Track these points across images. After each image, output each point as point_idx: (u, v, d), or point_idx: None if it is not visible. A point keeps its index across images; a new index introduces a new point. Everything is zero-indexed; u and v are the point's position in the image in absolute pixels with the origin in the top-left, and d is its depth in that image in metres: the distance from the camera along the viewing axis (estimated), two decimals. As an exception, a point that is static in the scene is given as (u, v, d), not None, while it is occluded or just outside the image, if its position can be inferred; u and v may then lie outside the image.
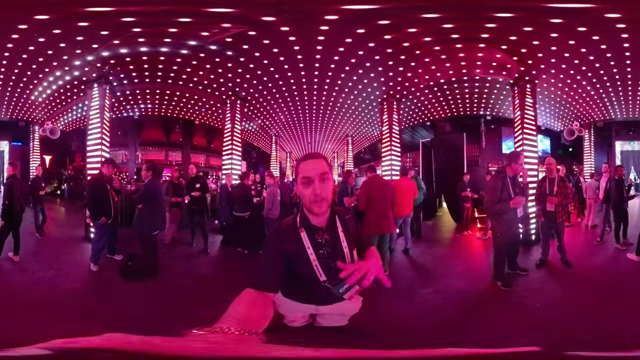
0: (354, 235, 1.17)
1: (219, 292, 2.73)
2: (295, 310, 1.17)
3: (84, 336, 0.47)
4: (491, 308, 2.95)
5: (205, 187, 5.20)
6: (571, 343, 2.00)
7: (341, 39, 4.36)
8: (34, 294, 3.06)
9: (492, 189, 3.32)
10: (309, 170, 1.04)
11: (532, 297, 3.16)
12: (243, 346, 0.64)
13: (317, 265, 1.07)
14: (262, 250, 1.12)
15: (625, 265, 4.10)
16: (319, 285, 1.09)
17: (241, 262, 4.38)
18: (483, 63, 5.36)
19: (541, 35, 4.25)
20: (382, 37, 4.32)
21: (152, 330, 0.51)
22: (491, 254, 3.58)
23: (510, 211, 3.27)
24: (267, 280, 1.02)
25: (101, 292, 3.31)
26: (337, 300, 1.13)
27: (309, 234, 1.09)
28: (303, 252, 1.07)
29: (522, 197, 3.35)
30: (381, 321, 2.33)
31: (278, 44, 4.54)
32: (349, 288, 1.09)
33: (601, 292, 3.22)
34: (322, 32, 4.08)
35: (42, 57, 4.96)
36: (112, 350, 0.45)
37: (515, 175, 3.41)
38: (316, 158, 1.07)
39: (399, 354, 0.59)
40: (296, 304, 1.16)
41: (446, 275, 3.84)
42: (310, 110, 7.89)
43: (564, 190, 3.94)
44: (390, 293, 3.11)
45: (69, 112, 8.44)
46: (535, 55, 4.90)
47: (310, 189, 1.03)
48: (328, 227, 1.11)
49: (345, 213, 1.19)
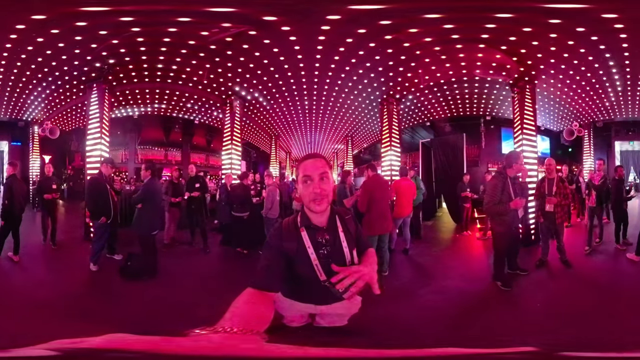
0: (354, 235, 1.17)
1: (218, 291, 2.72)
2: (295, 310, 1.17)
3: (84, 336, 0.47)
4: (491, 308, 2.95)
5: (204, 187, 5.19)
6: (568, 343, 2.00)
7: (342, 39, 4.36)
8: (34, 294, 3.05)
9: (492, 190, 3.31)
10: (309, 169, 1.06)
11: (532, 297, 3.17)
12: (245, 346, 0.64)
13: (317, 264, 1.08)
14: (263, 249, 1.12)
15: (625, 265, 4.10)
16: (319, 284, 1.09)
17: (240, 262, 4.37)
18: (483, 63, 5.37)
19: (540, 35, 4.26)
20: (382, 38, 4.32)
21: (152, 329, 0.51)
22: (491, 254, 3.58)
23: (510, 212, 3.27)
24: (267, 280, 1.02)
25: (101, 292, 3.30)
26: (336, 300, 1.13)
27: (310, 233, 1.09)
28: (303, 251, 1.08)
29: (523, 199, 3.34)
30: (381, 321, 2.33)
31: (278, 43, 4.54)
32: (348, 287, 1.09)
33: (601, 292, 3.22)
34: (323, 32, 4.08)
35: (41, 57, 4.95)
36: (115, 350, 0.45)
37: (516, 176, 3.41)
38: (316, 158, 1.09)
39: (398, 354, 0.59)
40: (296, 303, 1.16)
41: (446, 275, 3.83)
42: (310, 110, 7.90)
43: (563, 190, 3.94)
44: (390, 294, 3.12)
45: (69, 112, 8.44)
46: (535, 56, 4.91)
47: (310, 188, 1.04)
48: (329, 227, 1.12)
49: (345, 213, 1.20)
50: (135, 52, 4.93)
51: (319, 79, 5.94)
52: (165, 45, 4.72)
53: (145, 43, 4.67)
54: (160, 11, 3.71)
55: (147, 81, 6.27)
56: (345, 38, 4.33)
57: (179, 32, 4.27)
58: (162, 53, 5.02)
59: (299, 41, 4.40)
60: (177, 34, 4.33)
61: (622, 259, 4.27)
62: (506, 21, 3.86)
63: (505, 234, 3.35)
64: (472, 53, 4.95)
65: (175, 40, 4.56)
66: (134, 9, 3.67)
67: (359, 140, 11.58)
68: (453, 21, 3.92)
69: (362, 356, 0.57)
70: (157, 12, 3.73)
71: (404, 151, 7.67)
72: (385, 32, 4.14)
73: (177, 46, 4.76)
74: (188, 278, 3.74)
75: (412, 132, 9.79)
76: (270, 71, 5.61)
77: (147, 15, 3.84)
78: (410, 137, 9.83)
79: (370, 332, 1.40)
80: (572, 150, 9.79)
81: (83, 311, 2.70)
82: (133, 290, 3.29)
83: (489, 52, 4.83)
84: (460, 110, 8.13)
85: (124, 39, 4.38)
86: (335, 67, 5.41)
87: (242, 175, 5.06)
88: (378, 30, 4.09)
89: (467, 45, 4.64)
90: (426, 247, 5.13)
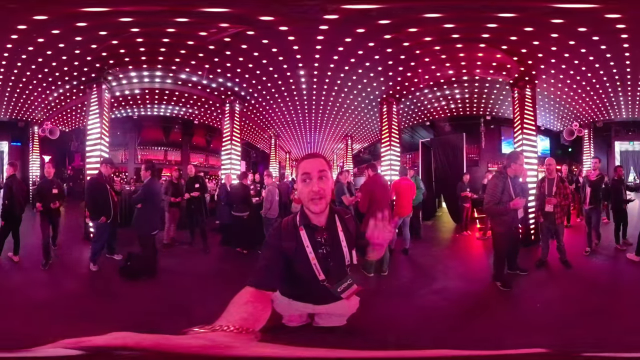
0: (354, 235, 1.17)
1: (217, 291, 2.72)
2: (293, 310, 1.17)
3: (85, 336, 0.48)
4: (491, 309, 2.94)
5: (204, 187, 5.20)
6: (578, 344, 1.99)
7: (341, 39, 4.36)
8: (34, 294, 3.05)
9: (493, 190, 3.30)
10: (308, 168, 1.06)
11: (532, 298, 3.16)
12: (243, 345, 0.64)
13: (315, 264, 1.08)
14: (262, 248, 1.12)
15: (625, 265, 4.10)
16: (318, 284, 1.09)
17: (239, 262, 4.37)
18: (483, 63, 5.36)
19: (541, 35, 4.25)
20: (382, 37, 4.32)
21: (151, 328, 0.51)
22: (491, 254, 3.58)
23: (510, 212, 3.25)
24: (266, 279, 1.03)
25: (100, 292, 3.31)
26: (334, 300, 1.13)
27: (309, 232, 1.09)
28: (302, 250, 1.08)
29: (523, 199, 3.33)
30: (380, 322, 2.32)
31: (277, 43, 4.53)
32: (347, 287, 1.09)
33: (601, 293, 3.22)
34: (321, 31, 4.08)
35: (41, 58, 4.95)
36: (119, 349, 0.46)
37: (516, 176, 3.40)
38: (315, 157, 1.10)
39: (398, 354, 0.59)
40: (294, 303, 1.16)
41: (446, 275, 3.82)
42: (309, 110, 7.89)
43: (563, 190, 3.92)
44: (390, 294, 3.12)
45: (68, 112, 8.44)
46: (535, 56, 4.90)
47: (309, 186, 1.05)
48: (328, 227, 1.12)
49: (345, 213, 1.20)
50: (135, 52, 4.94)
51: (319, 79, 5.94)
52: (164, 45, 4.73)
53: (145, 44, 4.68)
54: (158, 12, 3.71)
55: (146, 81, 6.29)
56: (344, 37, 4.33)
57: (177, 33, 4.27)
58: (161, 54, 5.03)
59: (297, 41, 4.40)
60: (175, 35, 4.33)
61: (622, 259, 4.27)
62: (507, 21, 3.85)
63: (505, 234, 3.34)
64: (472, 52, 4.94)
65: (174, 41, 4.56)
66: (132, 9, 3.67)
67: (359, 140, 11.57)
68: (453, 20, 3.91)
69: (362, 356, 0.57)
70: (155, 12, 3.73)
71: (403, 151, 7.67)
72: (384, 31, 4.13)
73: (175, 46, 4.77)
74: (187, 277, 3.74)
75: (412, 131, 9.78)
76: (270, 71, 5.61)
77: (145, 15, 3.84)
78: (410, 136, 9.83)
79: (369, 332, 1.40)
80: (571, 150, 9.79)
81: (83, 311, 2.70)
82: (132, 290, 3.29)
83: (489, 51, 4.82)
84: (460, 110, 8.13)
85: (123, 39, 4.38)
86: (334, 67, 5.41)
87: (241, 175, 5.07)
88: (377, 30, 4.08)
89: (467, 44, 4.63)
90: (426, 247, 5.13)
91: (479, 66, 5.51)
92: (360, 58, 5.03)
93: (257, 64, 5.34)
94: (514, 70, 5.39)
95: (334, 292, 1.11)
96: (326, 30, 4.05)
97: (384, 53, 4.84)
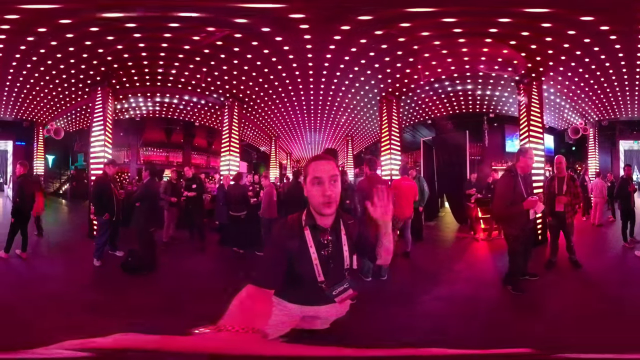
0: (355, 240, 1.17)
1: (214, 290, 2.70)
2: (278, 310, 1.15)
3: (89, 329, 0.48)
4: (502, 313, 2.75)
5: (201, 188, 5.25)
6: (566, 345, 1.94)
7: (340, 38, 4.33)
8: (41, 289, 3.14)
9: (504, 189, 3.01)
10: (319, 171, 1.06)
11: (542, 300, 2.99)
12: (248, 344, 0.66)
13: (317, 264, 1.09)
14: (265, 246, 1.16)
15: (635, 263, 4.01)
16: (314, 285, 1.10)
17: (235, 262, 4.38)
18: (488, 59, 5.23)
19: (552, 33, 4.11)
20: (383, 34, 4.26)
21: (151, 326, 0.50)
22: (497, 256, 3.41)
23: (523, 213, 2.98)
24: (268, 277, 1.05)
25: (103, 286, 3.41)
26: (327, 302, 1.14)
27: (313, 233, 1.10)
28: (305, 250, 1.09)
29: (536, 197, 3.07)
30: (379, 331, 2.24)
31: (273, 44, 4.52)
32: (342, 291, 1.08)
33: (612, 292, 3.11)
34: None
35: (50, 60, 5.03)
36: (124, 350, 0.46)
37: (526, 173, 3.10)
38: (327, 160, 1.10)
39: (396, 353, 0.60)
40: (282, 302, 1.15)
41: (450, 280, 3.54)
42: (308, 110, 7.89)
43: (573, 189, 3.76)
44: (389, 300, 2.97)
45: (73, 113, 8.55)
46: (543, 53, 4.76)
47: (321, 190, 1.05)
48: (332, 229, 1.13)
49: (349, 218, 1.20)
50: (136, 57, 5.00)
51: (317, 79, 5.92)
52: (163, 50, 4.77)
53: (146, 48, 4.74)
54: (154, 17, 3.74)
55: (148, 85, 6.35)
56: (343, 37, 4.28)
57: (174, 38, 4.31)
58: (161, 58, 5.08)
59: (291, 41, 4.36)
60: (173, 40, 4.38)
61: (631, 257, 4.18)
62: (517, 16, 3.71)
63: (518, 236, 3.07)
64: (476, 49, 4.80)
65: (172, 46, 4.60)
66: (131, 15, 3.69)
67: (360, 140, 11.54)
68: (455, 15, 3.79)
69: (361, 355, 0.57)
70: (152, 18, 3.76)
71: (405, 150, 7.56)
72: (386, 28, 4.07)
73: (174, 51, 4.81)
74: (184, 275, 3.79)
75: (414, 130, 9.69)
76: (266, 72, 5.62)
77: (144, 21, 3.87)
78: (411, 135, 9.75)
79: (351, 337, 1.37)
80: (575, 148, 9.66)
81: (87, 304, 2.78)
82: (133, 284, 3.37)
83: (495, 47, 4.66)
84: (463, 108, 8.02)
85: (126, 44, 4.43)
86: (334, 66, 5.38)
87: (236, 176, 5.12)
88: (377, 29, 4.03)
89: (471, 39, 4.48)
90: (428, 249, 4.98)
91: (484, 62, 5.38)
92: (360, 56, 4.99)
93: (254, 66, 5.35)
94: (520, 67, 5.26)
95: (329, 294, 1.10)
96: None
97: (385, 50, 4.78)
